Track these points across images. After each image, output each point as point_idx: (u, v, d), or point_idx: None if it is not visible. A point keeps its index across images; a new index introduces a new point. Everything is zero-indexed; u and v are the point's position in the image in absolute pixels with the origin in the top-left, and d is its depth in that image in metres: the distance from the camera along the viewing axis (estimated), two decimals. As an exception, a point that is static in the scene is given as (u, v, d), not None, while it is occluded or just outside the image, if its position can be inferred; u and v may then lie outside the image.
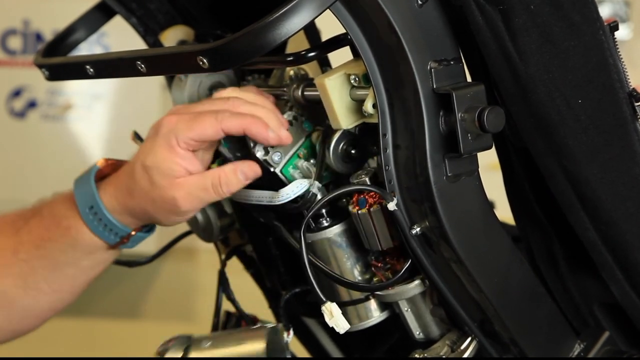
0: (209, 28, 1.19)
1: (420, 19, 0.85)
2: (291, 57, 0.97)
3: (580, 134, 0.90)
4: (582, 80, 0.89)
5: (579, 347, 1.03)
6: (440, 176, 0.88)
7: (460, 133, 0.85)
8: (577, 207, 0.93)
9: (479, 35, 0.86)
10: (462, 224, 0.91)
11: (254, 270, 1.29)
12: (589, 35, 0.88)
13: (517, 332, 0.97)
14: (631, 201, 0.94)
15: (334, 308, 0.95)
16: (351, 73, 0.92)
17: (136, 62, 0.91)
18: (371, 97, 0.90)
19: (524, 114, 0.90)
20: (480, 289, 0.94)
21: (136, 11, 1.22)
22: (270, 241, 1.12)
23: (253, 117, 0.94)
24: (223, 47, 0.81)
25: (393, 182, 0.91)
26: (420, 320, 1.02)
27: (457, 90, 0.85)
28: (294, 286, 1.12)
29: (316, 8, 0.79)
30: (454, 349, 1.00)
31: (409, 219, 0.92)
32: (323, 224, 1.00)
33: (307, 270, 0.94)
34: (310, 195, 0.98)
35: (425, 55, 0.86)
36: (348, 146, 0.98)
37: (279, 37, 0.79)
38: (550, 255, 1.05)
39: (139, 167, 0.96)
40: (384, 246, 0.95)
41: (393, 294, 0.99)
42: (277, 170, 1.00)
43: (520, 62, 0.86)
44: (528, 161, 0.96)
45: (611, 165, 0.92)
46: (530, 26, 0.86)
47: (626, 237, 0.95)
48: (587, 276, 1.03)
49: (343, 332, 0.96)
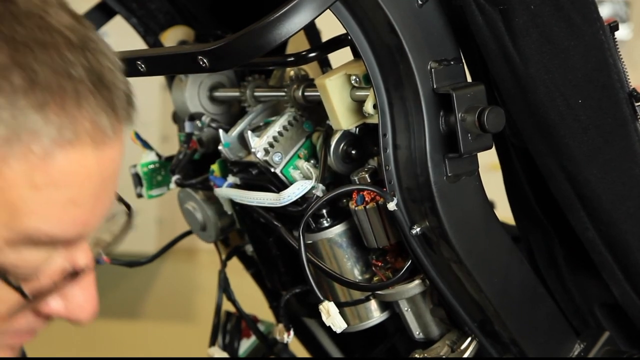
0: (209, 28, 1.19)
1: (420, 19, 0.85)
2: (291, 57, 0.98)
3: (580, 134, 0.90)
4: (582, 80, 0.89)
5: (579, 347, 1.03)
6: (440, 176, 0.88)
7: (460, 133, 0.85)
8: (577, 207, 0.93)
9: (479, 36, 0.86)
10: (462, 224, 0.91)
11: (254, 270, 1.29)
12: (589, 36, 0.88)
13: (517, 332, 0.97)
14: (631, 201, 0.94)
15: (331, 307, 0.95)
16: (352, 73, 0.92)
17: (136, 62, 0.91)
18: (371, 98, 0.90)
19: (524, 114, 0.90)
20: (480, 289, 0.94)
21: (136, 11, 1.22)
22: (270, 241, 1.12)
23: None
24: (223, 47, 0.81)
25: (393, 182, 0.91)
26: (420, 320, 1.02)
27: (457, 90, 0.85)
28: (294, 286, 1.12)
29: (316, 8, 0.79)
30: (454, 349, 1.00)
31: (409, 219, 0.92)
32: (323, 224, 1.00)
33: (305, 269, 0.94)
34: (314, 197, 0.98)
35: (425, 55, 0.86)
36: (348, 147, 0.98)
37: (279, 37, 0.79)
38: (550, 255, 1.05)
39: None
40: (380, 244, 0.95)
41: (393, 293, 0.99)
42: (277, 171, 1.00)
43: (520, 62, 0.86)
44: (528, 161, 0.96)
45: (611, 165, 0.92)
46: (530, 26, 0.86)
47: (626, 237, 0.95)
48: (587, 276, 1.03)
49: (340, 331, 0.96)
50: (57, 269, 0.62)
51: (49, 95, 0.57)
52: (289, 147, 1.00)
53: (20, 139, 0.57)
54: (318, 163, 1.00)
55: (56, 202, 0.59)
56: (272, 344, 1.25)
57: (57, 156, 0.58)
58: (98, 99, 0.60)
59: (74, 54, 0.59)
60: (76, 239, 0.62)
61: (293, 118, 1.01)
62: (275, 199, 0.99)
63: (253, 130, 1.03)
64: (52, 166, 0.58)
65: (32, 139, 0.57)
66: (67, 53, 0.59)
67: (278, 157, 1.00)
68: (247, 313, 1.24)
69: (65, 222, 0.60)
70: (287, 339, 1.11)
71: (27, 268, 0.61)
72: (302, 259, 0.94)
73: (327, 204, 0.99)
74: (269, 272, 1.17)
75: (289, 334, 1.11)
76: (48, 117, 0.57)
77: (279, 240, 1.06)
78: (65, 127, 0.58)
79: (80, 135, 0.59)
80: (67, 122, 0.58)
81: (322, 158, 0.98)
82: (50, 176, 0.58)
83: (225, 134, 1.08)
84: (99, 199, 0.62)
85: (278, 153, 1.00)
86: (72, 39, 0.60)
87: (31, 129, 0.57)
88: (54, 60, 0.58)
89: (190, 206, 1.19)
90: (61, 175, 0.59)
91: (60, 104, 0.58)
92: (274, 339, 1.23)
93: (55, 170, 0.58)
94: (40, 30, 0.59)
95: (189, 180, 1.15)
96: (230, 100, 1.16)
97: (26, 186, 0.58)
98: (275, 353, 1.25)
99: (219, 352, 1.24)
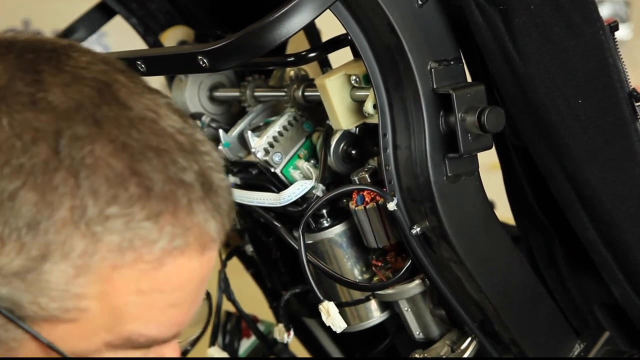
0: (209, 28, 1.19)
1: (420, 19, 0.85)
2: (291, 57, 0.97)
3: (581, 134, 0.90)
4: (582, 80, 0.89)
5: (579, 347, 1.03)
6: (440, 176, 0.88)
7: (460, 133, 0.85)
8: (577, 207, 0.93)
9: (479, 36, 0.86)
10: (462, 224, 0.91)
11: (254, 270, 1.29)
12: (589, 36, 0.88)
13: (517, 332, 0.97)
14: (631, 201, 0.94)
15: (331, 307, 0.95)
16: (352, 73, 0.92)
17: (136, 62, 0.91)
18: (371, 98, 0.90)
19: (524, 114, 0.90)
20: (480, 289, 0.94)
21: (136, 11, 1.22)
22: (270, 241, 1.12)
23: None
24: (223, 47, 0.81)
25: (393, 182, 0.91)
26: (421, 320, 1.02)
27: (457, 90, 0.85)
28: (294, 286, 1.12)
29: (316, 8, 0.79)
30: (454, 349, 1.00)
31: (409, 219, 0.92)
32: (323, 224, 1.00)
33: (305, 269, 0.94)
34: (314, 197, 0.98)
35: (425, 56, 0.86)
36: (348, 147, 0.98)
37: (279, 37, 0.79)
38: (550, 255, 1.05)
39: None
40: (380, 244, 0.95)
41: (393, 293, 0.99)
42: (277, 171, 1.00)
43: (520, 62, 0.86)
44: (528, 161, 0.96)
45: (611, 165, 0.92)
46: (530, 26, 0.85)
47: (626, 237, 0.95)
48: (587, 276, 1.03)
49: (340, 331, 0.96)
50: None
51: (163, 205, 0.58)
52: (289, 147, 1.00)
53: (134, 248, 0.57)
54: (318, 163, 1.00)
55: (159, 306, 0.60)
56: (272, 344, 1.25)
57: (166, 264, 0.59)
58: (207, 204, 0.60)
59: (186, 159, 0.60)
60: (172, 339, 0.63)
61: (293, 118, 1.01)
62: (275, 199, 0.99)
63: (253, 130, 1.03)
64: (160, 273, 0.59)
65: (145, 248, 0.58)
66: (180, 159, 0.59)
67: (278, 157, 1.00)
68: (247, 313, 1.24)
69: (165, 324, 0.61)
70: (287, 339, 1.11)
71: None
72: (302, 259, 0.94)
73: (327, 204, 0.99)
74: (269, 272, 1.17)
75: (289, 334, 1.11)
76: (162, 227, 0.58)
77: (279, 240, 1.06)
78: (177, 235, 0.59)
79: (190, 242, 0.60)
80: (179, 231, 0.59)
81: (322, 158, 0.98)
82: (157, 282, 0.59)
83: (225, 134, 1.08)
84: (195, 300, 0.63)
85: (278, 153, 1.00)
86: (184, 143, 0.60)
87: (145, 239, 0.57)
88: (167, 168, 0.58)
89: (190, 206, 1.19)
90: (167, 280, 0.59)
91: (173, 212, 0.58)
92: (274, 339, 1.23)
93: (163, 277, 0.59)
94: (154, 135, 0.59)
95: (189, 180, 1.15)
96: (230, 100, 1.16)
97: (133, 293, 0.58)
98: (275, 353, 1.25)
99: (219, 352, 1.24)
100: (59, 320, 0.58)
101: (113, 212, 0.56)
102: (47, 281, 0.56)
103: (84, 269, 0.56)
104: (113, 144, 0.57)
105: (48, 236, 0.55)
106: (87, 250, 0.56)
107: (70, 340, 0.58)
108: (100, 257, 0.57)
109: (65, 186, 0.56)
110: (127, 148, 0.57)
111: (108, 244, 0.56)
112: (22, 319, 0.57)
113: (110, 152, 0.57)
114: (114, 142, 0.57)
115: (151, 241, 0.58)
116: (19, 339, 0.59)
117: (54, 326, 0.58)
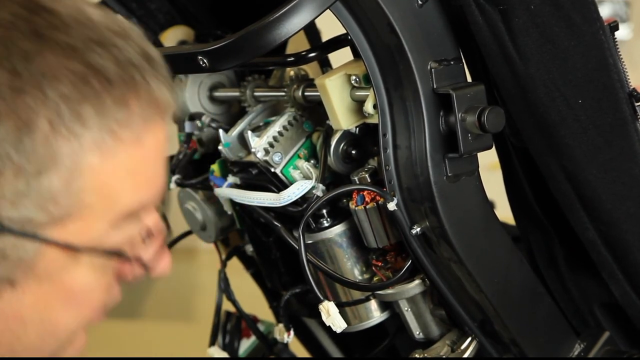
0: (209, 28, 1.19)
1: (420, 19, 0.85)
2: (291, 57, 0.97)
3: (581, 134, 0.90)
4: (582, 80, 0.89)
5: (579, 347, 1.03)
6: (440, 176, 0.88)
7: (460, 133, 0.85)
8: (577, 207, 0.93)
9: (479, 36, 0.86)
10: (462, 224, 0.91)
11: (254, 270, 1.29)
12: (589, 36, 0.88)
13: (517, 332, 0.97)
14: (631, 201, 0.94)
15: (331, 307, 0.95)
16: (352, 73, 0.92)
17: (136, 62, 0.90)
18: (371, 98, 0.90)
19: (524, 114, 0.90)
20: (480, 289, 0.94)
21: (136, 11, 1.22)
22: (270, 241, 1.12)
23: None
24: (223, 47, 0.81)
25: (393, 182, 0.91)
26: (421, 320, 1.02)
27: (457, 90, 0.85)
28: (294, 286, 1.12)
29: (316, 8, 0.79)
30: (454, 349, 1.00)
31: (409, 219, 0.92)
32: (324, 224, 1.00)
33: (305, 269, 0.94)
34: (314, 197, 0.98)
35: (425, 55, 0.86)
36: (348, 147, 0.98)
37: (279, 38, 0.79)
38: (550, 255, 1.05)
39: None
40: (380, 244, 0.95)
41: (393, 293, 0.99)
42: (277, 171, 1.00)
43: (520, 62, 0.86)
44: (528, 161, 0.96)
45: (611, 165, 0.92)
46: (530, 26, 0.86)
47: (626, 237, 0.95)
48: (587, 276, 1.03)
49: (340, 331, 0.96)
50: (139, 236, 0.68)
51: (125, 88, 0.62)
52: (289, 147, 1.00)
53: (114, 135, 0.62)
54: (318, 163, 1.00)
55: (146, 175, 0.66)
56: (272, 344, 1.25)
57: (144, 138, 0.64)
58: (157, 75, 0.65)
59: (125, 42, 0.64)
60: (153, 201, 0.68)
61: (293, 118, 1.01)
62: (275, 199, 0.99)
63: (253, 130, 1.03)
64: (141, 148, 0.64)
65: (123, 132, 0.62)
66: (120, 44, 0.63)
67: (278, 157, 1.00)
68: (247, 313, 1.24)
69: (152, 187, 0.67)
70: (287, 339, 1.11)
71: (127, 239, 0.66)
72: (302, 259, 0.94)
73: (327, 204, 0.99)
74: (269, 272, 1.17)
75: (289, 334, 1.11)
76: (131, 108, 0.62)
77: (279, 240, 1.06)
78: (145, 111, 0.63)
79: (157, 113, 0.65)
80: (145, 107, 0.64)
81: (322, 158, 0.98)
82: (141, 157, 0.64)
83: (225, 134, 1.08)
84: (165, 157, 0.69)
85: (278, 153, 1.00)
86: (116, 29, 0.64)
87: (120, 123, 0.62)
88: (115, 55, 0.62)
89: (190, 206, 1.19)
90: (148, 152, 0.65)
91: (135, 92, 0.63)
92: (274, 339, 1.23)
93: (144, 151, 0.64)
94: (90, 30, 0.63)
95: (189, 180, 1.15)
96: (230, 100, 1.16)
97: (123, 173, 0.63)
98: (275, 353, 1.25)
99: (219, 352, 1.24)
100: (66, 221, 0.62)
101: (86, 109, 0.60)
102: (49, 190, 0.60)
103: (77, 168, 0.61)
104: (61, 48, 0.60)
105: (37, 151, 0.59)
106: (75, 151, 0.60)
107: (79, 235, 0.63)
108: (88, 153, 0.61)
109: (36, 100, 0.59)
110: (75, 48, 0.61)
111: (91, 139, 0.61)
112: (35, 234, 0.61)
113: (62, 56, 0.60)
114: (61, 47, 0.61)
115: (126, 124, 0.62)
116: (34, 253, 0.62)
117: (63, 228, 0.62)
